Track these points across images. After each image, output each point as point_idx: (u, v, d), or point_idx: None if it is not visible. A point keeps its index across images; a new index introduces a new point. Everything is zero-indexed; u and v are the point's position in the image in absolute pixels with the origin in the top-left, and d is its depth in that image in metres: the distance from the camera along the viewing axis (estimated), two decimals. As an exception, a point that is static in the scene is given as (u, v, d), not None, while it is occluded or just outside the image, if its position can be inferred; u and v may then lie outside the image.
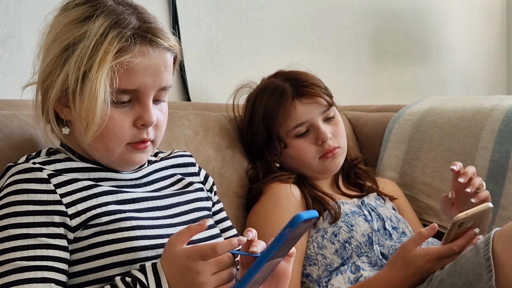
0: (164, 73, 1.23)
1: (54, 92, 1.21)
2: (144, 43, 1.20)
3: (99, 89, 1.16)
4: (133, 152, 1.24)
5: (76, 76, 1.18)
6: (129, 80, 1.19)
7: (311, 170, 1.72)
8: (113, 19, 1.20)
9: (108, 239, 1.17)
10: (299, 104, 1.69)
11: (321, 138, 1.69)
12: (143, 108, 1.22)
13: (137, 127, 1.23)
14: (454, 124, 1.92)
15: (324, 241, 1.62)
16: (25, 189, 1.17)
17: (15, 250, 1.13)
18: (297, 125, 1.68)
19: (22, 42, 1.66)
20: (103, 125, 1.19)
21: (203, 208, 1.36)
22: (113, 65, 1.17)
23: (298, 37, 2.37)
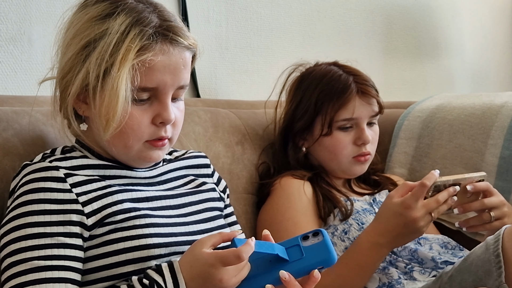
0: (183, 71, 1.24)
1: (74, 88, 1.21)
2: (165, 41, 1.21)
3: (121, 86, 1.17)
4: (150, 149, 1.25)
5: (97, 73, 1.19)
6: (149, 78, 1.20)
7: (339, 166, 1.73)
8: (134, 17, 1.20)
9: (123, 236, 1.18)
10: (358, 100, 1.70)
11: (363, 139, 1.70)
12: (162, 106, 1.23)
13: (155, 124, 1.24)
14: (464, 120, 1.91)
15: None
16: (42, 188, 1.18)
17: (31, 249, 1.14)
18: (347, 118, 1.69)
19: (33, 39, 1.67)
20: (123, 123, 1.19)
21: (215, 208, 1.37)
22: (134, 63, 1.18)
23: (307, 33, 2.37)
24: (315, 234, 1.09)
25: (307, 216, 1.62)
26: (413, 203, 1.42)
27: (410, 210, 1.42)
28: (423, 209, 1.42)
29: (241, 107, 1.93)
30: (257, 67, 2.22)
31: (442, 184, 1.45)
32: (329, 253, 1.07)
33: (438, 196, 1.43)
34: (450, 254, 1.62)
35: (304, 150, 1.75)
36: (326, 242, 1.08)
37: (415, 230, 1.43)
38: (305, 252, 1.08)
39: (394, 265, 1.57)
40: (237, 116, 1.84)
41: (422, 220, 1.42)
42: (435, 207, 1.43)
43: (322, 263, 1.07)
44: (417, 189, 1.42)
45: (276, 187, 1.69)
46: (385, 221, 1.45)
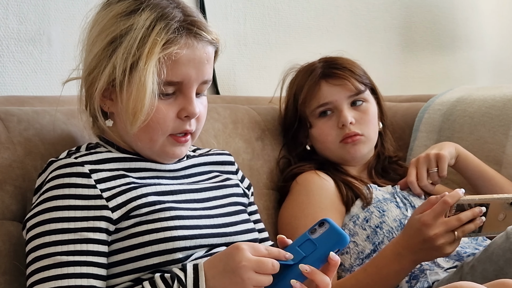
0: (206, 66, 1.26)
1: (101, 84, 1.23)
2: (189, 35, 1.23)
3: (148, 79, 1.19)
4: (174, 144, 1.27)
5: (123, 67, 1.21)
6: (175, 72, 1.22)
7: (333, 153, 1.73)
8: (158, 12, 1.23)
9: (148, 229, 1.19)
10: (324, 84, 1.70)
11: (341, 121, 1.69)
12: (186, 100, 1.25)
13: (180, 118, 1.25)
14: (485, 113, 1.90)
15: (355, 228, 1.62)
16: (67, 184, 1.19)
17: (55, 244, 1.15)
18: (319, 105, 1.70)
19: (52, 39, 1.68)
20: (150, 116, 1.21)
21: (239, 203, 1.38)
22: (160, 57, 1.20)
23: (326, 28, 2.36)
24: (321, 225, 1.10)
25: (327, 211, 1.62)
26: (431, 219, 1.38)
27: (428, 227, 1.38)
28: (442, 226, 1.38)
29: (260, 103, 1.93)
30: (275, 63, 2.21)
31: (467, 203, 1.40)
32: (340, 234, 1.09)
33: (460, 215, 1.39)
34: (475, 244, 1.62)
35: (308, 147, 1.76)
36: (334, 226, 1.09)
37: (435, 248, 1.40)
38: (316, 242, 1.09)
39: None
40: (256, 112, 1.84)
41: (441, 238, 1.38)
42: (456, 226, 1.39)
43: (337, 245, 1.09)
44: (437, 206, 1.39)
45: (294, 185, 1.69)
46: (407, 236, 1.43)
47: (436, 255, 1.43)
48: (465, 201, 1.40)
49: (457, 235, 1.39)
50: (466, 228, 1.40)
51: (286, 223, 1.67)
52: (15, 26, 1.63)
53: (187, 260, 1.21)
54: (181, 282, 1.10)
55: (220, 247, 1.27)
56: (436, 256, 1.43)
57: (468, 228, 1.40)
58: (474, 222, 1.40)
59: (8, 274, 1.25)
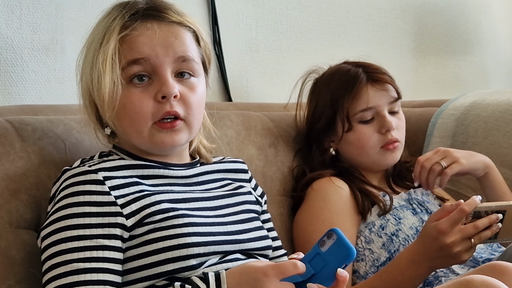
0: (176, 42, 1.25)
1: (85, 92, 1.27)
2: (146, 19, 1.25)
3: (106, 65, 1.21)
4: (160, 132, 1.25)
5: (90, 68, 1.24)
6: (134, 50, 1.23)
7: (369, 159, 1.71)
8: (120, 9, 1.25)
9: (162, 236, 1.19)
10: (371, 88, 1.69)
11: (386, 126, 1.68)
12: (160, 80, 1.24)
13: (158, 101, 1.24)
14: (499, 117, 1.89)
15: (371, 235, 1.61)
16: (81, 191, 1.19)
17: (72, 251, 1.16)
18: (365, 109, 1.68)
19: (65, 48, 1.69)
20: (116, 104, 1.22)
21: (252, 211, 1.38)
22: (118, 45, 1.22)
23: (337, 33, 2.36)
24: (329, 236, 1.09)
25: (343, 217, 1.62)
26: (448, 227, 1.38)
27: (444, 235, 1.38)
28: (459, 234, 1.37)
29: (273, 109, 1.93)
30: (288, 69, 2.22)
31: (484, 210, 1.40)
32: (347, 249, 1.08)
33: (477, 222, 1.38)
34: (490, 250, 1.61)
35: (332, 151, 1.74)
36: (341, 238, 1.08)
37: (452, 255, 1.39)
38: (326, 257, 1.08)
39: None
40: (269, 118, 1.84)
41: (458, 246, 1.37)
42: (472, 233, 1.38)
43: (344, 261, 1.08)
44: (454, 214, 1.38)
45: (310, 191, 1.69)
46: (423, 243, 1.43)
47: (452, 262, 1.42)
48: (482, 208, 1.39)
49: (473, 242, 1.39)
50: (483, 235, 1.39)
51: (301, 229, 1.66)
52: (29, 36, 1.64)
53: (201, 267, 1.21)
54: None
55: (234, 254, 1.27)
56: (452, 263, 1.42)
57: (485, 235, 1.39)
58: (491, 228, 1.39)
59: (23, 283, 1.26)
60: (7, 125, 1.36)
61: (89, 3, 1.70)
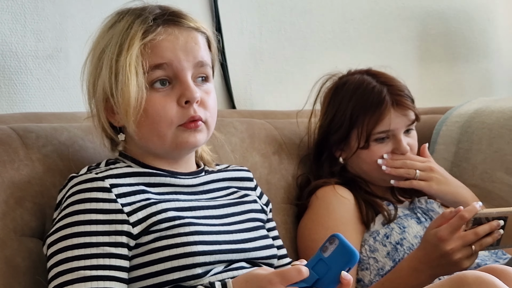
0: (195, 48, 1.27)
1: (100, 98, 1.26)
2: (168, 24, 1.26)
3: (131, 70, 1.21)
4: (185, 132, 1.26)
5: (110, 73, 1.23)
6: (158, 55, 1.24)
7: (379, 176, 1.71)
8: (136, 14, 1.26)
9: (168, 244, 1.20)
10: (393, 112, 1.67)
11: (401, 150, 1.68)
12: (182, 85, 1.25)
13: (181, 106, 1.25)
14: (503, 125, 1.89)
15: (376, 244, 1.61)
16: (88, 198, 1.19)
17: (78, 259, 1.15)
18: (383, 131, 1.67)
19: (69, 56, 1.69)
20: (141, 109, 1.22)
21: (257, 219, 1.38)
22: (141, 49, 1.22)
23: (341, 41, 2.36)
24: (331, 241, 1.10)
25: (347, 225, 1.61)
26: (447, 234, 1.38)
27: (444, 242, 1.38)
28: (459, 241, 1.37)
29: (277, 117, 1.93)
30: (291, 76, 2.22)
31: (484, 217, 1.39)
32: (350, 252, 1.08)
33: (477, 228, 1.38)
34: (495, 258, 1.60)
35: (341, 161, 1.74)
36: (343, 243, 1.08)
37: (452, 263, 1.39)
38: (329, 262, 1.08)
39: None
40: (273, 126, 1.84)
41: (459, 253, 1.38)
42: (473, 240, 1.38)
43: (348, 264, 1.08)
44: (454, 221, 1.38)
45: (314, 199, 1.68)
46: (424, 250, 1.43)
47: (454, 270, 1.41)
48: (482, 215, 1.39)
49: (474, 249, 1.39)
50: (484, 242, 1.39)
51: (305, 237, 1.66)
52: (33, 44, 1.64)
53: (207, 276, 1.21)
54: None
55: (239, 263, 1.27)
56: (454, 270, 1.41)
57: (486, 242, 1.39)
58: (492, 235, 1.39)
59: (28, 291, 1.26)
60: (12, 132, 1.36)
61: (93, 11, 1.70)
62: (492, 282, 1.00)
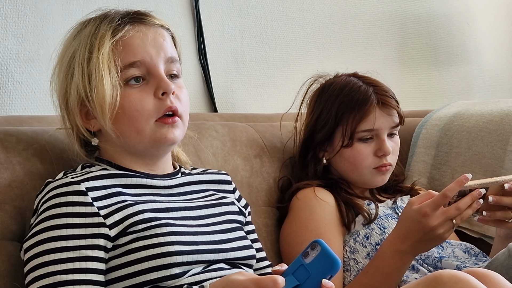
0: (164, 44, 1.30)
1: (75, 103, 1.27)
2: (135, 22, 1.29)
3: (104, 69, 1.23)
4: (163, 127, 1.27)
5: (82, 75, 1.25)
6: (130, 53, 1.26)
7: (360, 177, 1.72)
8: (101, 17, 1.29)
9: (145, 245, 1.20)
10: (378, 111, 1.69)
11: (383, 150, 1.69)
12: (157, 78, 1.27)
13: (158, 97, 1.27)
14: (482, 127, 1.90)
15: (356, 245, 1.62)
16: (64, 202, 1.20)
17: (55, 263, 1.15)
18: (368, 129, 1.69)
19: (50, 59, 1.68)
20: (117, 105, 1.24)
21: (235, 221, 1.38)
22: (112, 48, 1.24)
23: (322, 45, 2.37)
24: (313, 247, 1.09)
25: (330, 226, 1.62)
26: (431, 210, 1.40)
27: (428, 218, 1.40)
28: (442, 216, 1.40)
29: (258, 120, 1.93)
30: (273, 80, 2.22)
31: (468, 188, 1.41)
32: (332, 260, 1.08)
33: (459, 203, 1.40)
34: (474, 260, 1.62)
35: (325, 161, 1.75)
36: (325, 250, 1.08)
37: (435, 237, 1.41)
38: (310, 269, 1.08)
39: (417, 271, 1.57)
40: (254, 129, 1.84)
41: (441, 228, 1.40)
42: (455, 215, 1.40)
43: (329, 272, 1.08)
44: (437, 198, 1.40)
45: (295, 201, 1.69)
46: (404, 228, 1.44)
47: (434, 244, 1.45)
48: (466, 187, 1.41)
49: (455, 222, 1.41)
50: (464, 215, 1.41)
51: (289, 240, 1.66)
52: (14, 47, 1.64)
53: (185, 276, 1.21)
54: None
55: (218, 264, 1.27)
56: (434, 245, 1.45)
57: (466, 214, 1.41)
58: (472, 206, 1.41)
59: (7, 295, 1.25)
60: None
61: (74, 15, 1.70)
62: (467, 280, 1.01)
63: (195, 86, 2.02)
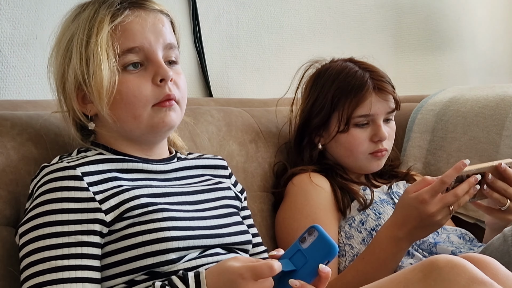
0: (164, 30, 1.29)
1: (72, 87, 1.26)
2: (134, 7, 1.27)
3: (102, 53, 1.22)
4: (160, 111, 1.27)
5: (80, 59, 1.24)
6: (129, 39, 1.25)
7: (355, 162, 1.72)
8: (100, 1, 1.28)
9: (141, 230, 1.20)
10: (375, 96, 1.69)
11: (379, 136, 1.69)
12: (156, 65, 1.27)
13: (157, 84, 1.26)
14: (478, 113, 1.90)
15: (351, 230, 1.62)
16: (59, 187, 1.19)
17: (50, 248, 1.15)
18: (364, 115, 1.69)
19: (45, 43, 1.67)
20: (114, 91, 1.23)
21: (231, 206, 1.38)
22: (111, 32, 1.23)
23: (318, 30, 2.37)
24: (310, 232, 1.10)
25: (326, 211, 1.62)
26: (429, 197, 1.40)
27: (426, 205, 1.40)
28: (440, 203, 1.40)
29: (254, 105, 1.93)
30: (268, 65, 2.22)
31: (465, 174, 1.42)
32: (329, 246, 1.08)
33: (457, 189, 1.40)
34: (469, 245, 1.62)
35: (320, 147, 1.75)
36: (323, 235, 1.08)
37: (432, 224, 1.42)
38: (307, 254, 1.08)
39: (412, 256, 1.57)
40: (250, 114, 1.84)
41: (438, 214, 1.40)
42: (453, 201, 1.40)
43: (327, 257, 1.08)
44: (436, 184, 1.40)
45: (290, 187, 1.69)
46: (401, 215, 1.44)
47: (431, 231, 1.45)
48: (463, 172, 1.41)
49: (452, 209, 1.41)
50: (462, 201, 1.41)
51: (284, 225, 1.66)
52: (8, 31, 1.63)
53: (181, 261, 1.21)
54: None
55: (214, 249, 1.27)
56: (431, 231, 1.45)
57: (463, 201, 1.41)
58: (469, 192, 1.42)
59: (2, 280, 1.25)
60: (-14, 121, 1.35)
61: (68, -2, 1.70)
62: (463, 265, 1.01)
63: (190, 71, 2.02)
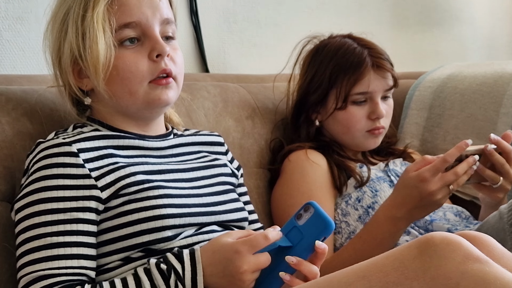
0: (161, 4, 1.27)
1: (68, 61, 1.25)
2: None
3: (98, 28, 1.21)
4: (156, 88, 1.26)
5: (76, 33, 1.23)
6: (126, 14, 1.24)
7: (353, 140, 1.72)
8: None
9: (137, 207, 1.20)
10: (373, 74, 1.68)
11: (377, 113, 1.69)
12: (153, 40, 1.25)
13: (153, 60, 1.25)
14: (475, 90, 1.90)
15: (348, 207, 1.62)
16: (55, 163, 1.19)
17: (46, 225, 1.15)
18: (362, 92, 1.68)
19: (39, 17, 1.66)
20: (110, 66, 1.22)
21: (228, 183, 1.38)
22: (107, 7, 1.22)
23: (316, 5, 2.35)
24: (306, 209, 1.10)
25: (322, 188, 1.62)
26: (430, 175, 1.40)
27: (426, 183, 1.40)
28: (440, 182, 1.40)
29: (250, 81, 1.92)
30: (265, 40, 2.21)
31: (465, 154, 1.42)
32: (325, 222, 1.08)
33: (457, 168, 1.41)
34: (465, 223, 1.62)
35: (317, 123, 1.74)
36: (319, 212, 1.09)
37: (432, 203, 1.42)
38: (303, 230, 1.08)
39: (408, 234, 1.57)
40: (246, 90, 1.83)
41: (439, 193, 1.40)
42: (453, 180, 1.41)
43: (323, 233, 1.09)
44: (437, 163, 1.40)
45: (287, 163, 1.69)
46: (401, 194, 1.44)
47: (430, 211, 1.46)
48: (463, 152, 1.42)
49: (451, 188, 1.42)
50: (460, 180, 1.42)
51: (280, 202, 1.66)
52: (3, 5, 1.61)
53: (177, 239, 1.21)
54: (178, 276, 1.10)
55: (210, 226, 1.27)
56: (430, 211, 1.46)
57: (462, 180, 1.42)
58: (467, 172, 1.42)
59: (-3, 255, 1.25)
60: (-19, 95, 1.34)
61: (64, -28, 1.68)
62: (459, 242, 1.01)
63: (187, 46, 2.00)
